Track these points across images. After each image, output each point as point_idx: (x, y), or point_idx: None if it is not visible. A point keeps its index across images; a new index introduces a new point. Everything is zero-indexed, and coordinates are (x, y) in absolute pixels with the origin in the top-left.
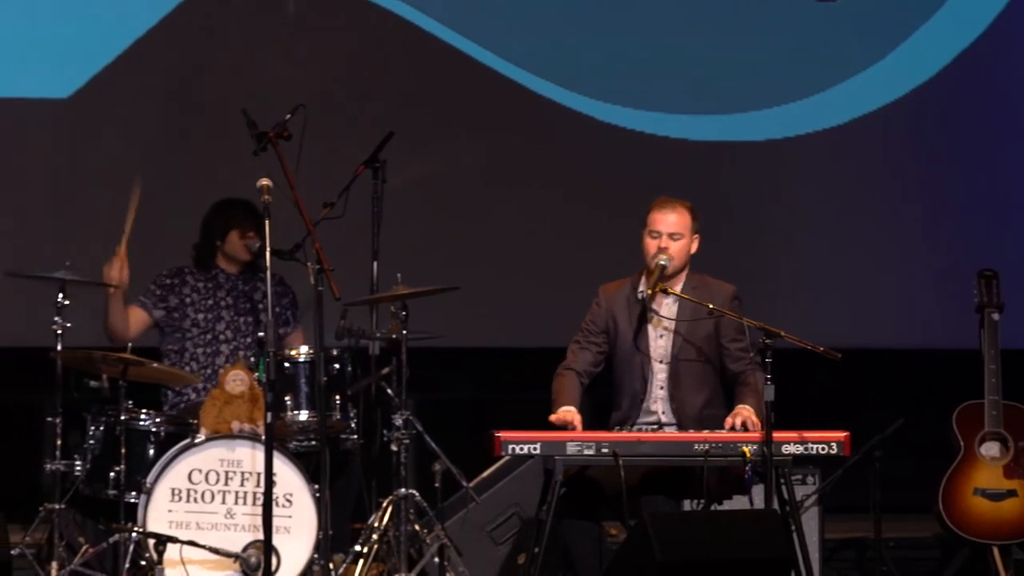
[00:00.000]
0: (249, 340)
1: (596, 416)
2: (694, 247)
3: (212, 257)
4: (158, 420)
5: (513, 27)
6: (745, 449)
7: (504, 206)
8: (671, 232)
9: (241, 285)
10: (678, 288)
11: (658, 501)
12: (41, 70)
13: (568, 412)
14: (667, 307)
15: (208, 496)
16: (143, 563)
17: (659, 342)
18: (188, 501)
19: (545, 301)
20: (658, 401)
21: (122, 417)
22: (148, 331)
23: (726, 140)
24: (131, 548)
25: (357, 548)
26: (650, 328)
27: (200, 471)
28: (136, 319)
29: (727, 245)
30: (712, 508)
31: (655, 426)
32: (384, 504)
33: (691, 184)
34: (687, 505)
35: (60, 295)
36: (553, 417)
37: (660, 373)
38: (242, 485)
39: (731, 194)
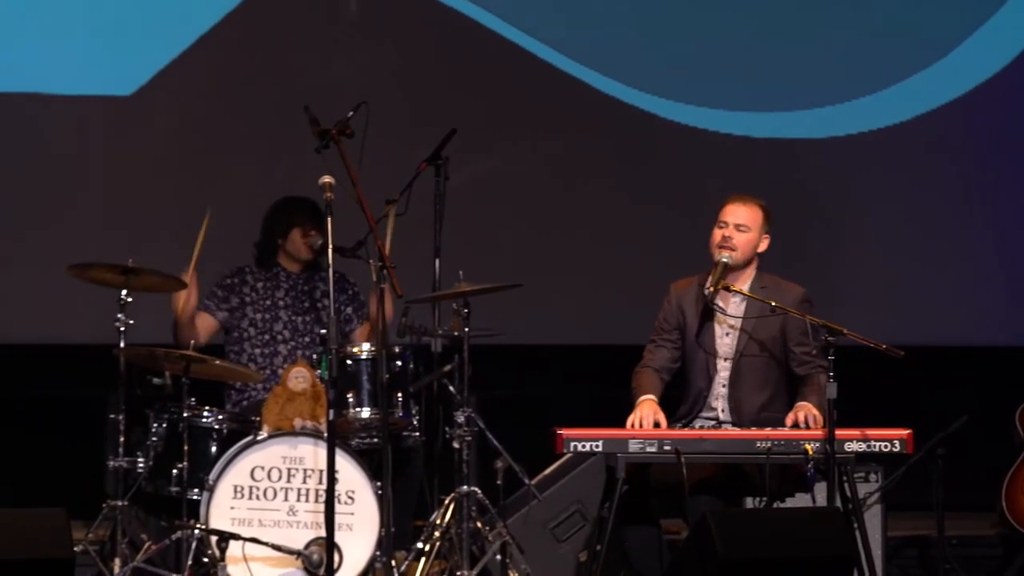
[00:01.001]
0: (307, 340)
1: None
2: (763, 246)
3: (274, 255)
4: (220, 417)
5: (576, 24)
6: (807, 447)
7: (566, 203)
8: (738, 223)
9: (301, 284)
10: (746, 287)
11: (708, 501)
12: (104, 68)
13: (648, 401)
14: (735, 306)
15: (270, 493)
16: (205, 560)
17: (724, 340)
18: (250, 498)
19: (607, 298)
20: (719, 399)
21: (185, 414)
22: (217, 333)
23: (789, 137)
24: (193, 545)
25: (419, 545)
26: (716, 325)
27: (262, 468)
28: (204, 324)
29: (789, 241)
30: (774, 506)
31: (714, 423)
32: (446, 501)
33: (753, 181)
34: (749, 503)
35: (123, 292)
36: (632, 417)
37: (724, 371)
38: (304, 482)
39: (794, 191)
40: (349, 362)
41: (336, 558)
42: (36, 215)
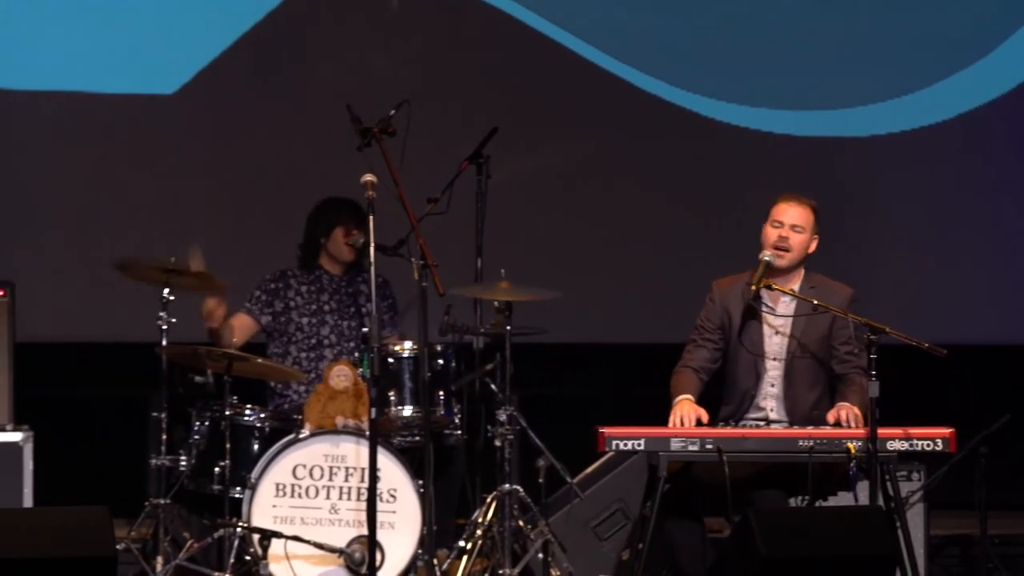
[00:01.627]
0: (352, 344)
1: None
2: (812, 246)
3: (316, 257)
4: (263, 415)
5: (618, 23)
6: (850, 445)
7: (607, 201)
8: (793, 224)
9: (344, 287)
10: (795, 286)
11: (767, 496)
12: (147, 66)
13: (686, 400)
14: (784, 305)
15: (312, 491)
16: (248, 558)
17: (773, 339)
18: (292, 496)
19: (647, 298)
20: (769, 398)
21: (227, 412)
22: (256, 335)
23: (832, 136)
24: (236, 543)
25: (461, 544)
26: (763, 325)
27: (304, 466)
28: (242, 325)
29: (832, 240)
30: (817, 504)
31: (763, 423)
32: (488, 500)
33: (795, 179)
34: (792, 501)
35: (165, 291)
36: (673, 417)
37: (773, 371)
38: (346, 480)
39: (836, 189)
40: (391, 360)
41: (378, 556)
42: (79, 213)
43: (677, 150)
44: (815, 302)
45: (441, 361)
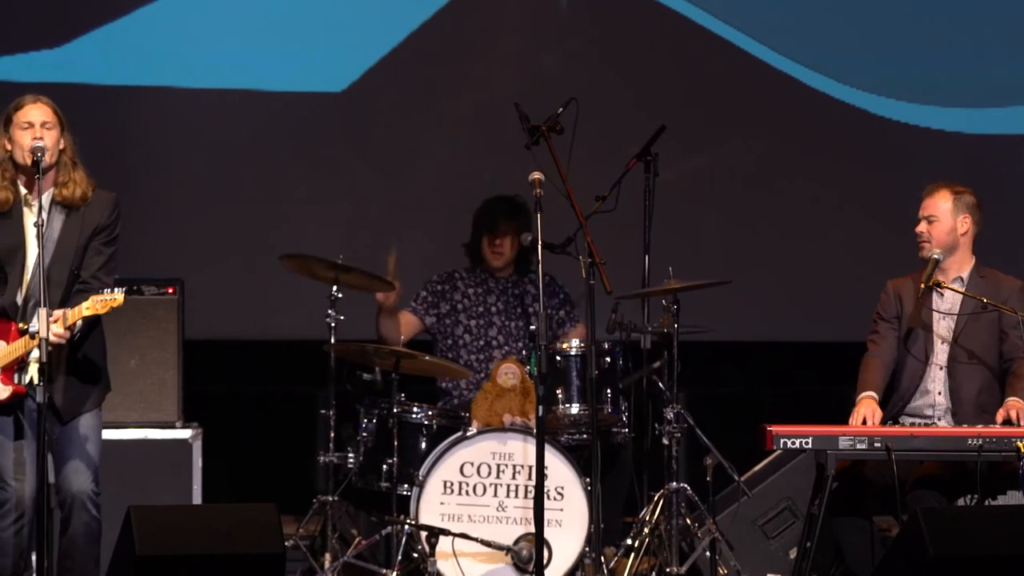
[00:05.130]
0: (520, 344)
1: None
2: (962, 228)
3: (482, 255)
4: (430, 413)
5: (787, 20)
6: (1020, 444)
7: (775, 200)
8: (927, 215)
9: (511, 288)
10: (965, 273)
11: (924, 497)
12: (317, 65)
13: (869, 399)
14: (951, 302)
15: (480, 489)
16: (415, 555)
17: (939, 336)
18: (460, 494)
19: (816, 296)
20: (934, 395)
21: (395, 410)
22: (419, 334)
23: (1003, 133)
24: (403, 540)
25: (628, 542)
26: (932, 322)
27: (472, 464)
28: (407, 323)
29: (1001, 236)
30: (985, 503)
31: (929, 414)
32: (655, 498)
33: (967, 177)
34: (960, 500)
35: (334, 288)
36: (855, 416)
37: (939, 367)
38: (514, 478)
39: (1011, 186)
40: (558, 358)
41: (545, 554)
42: (249, 211)
43: (845, 147)
44: (984, 300)
45: (608, 359)
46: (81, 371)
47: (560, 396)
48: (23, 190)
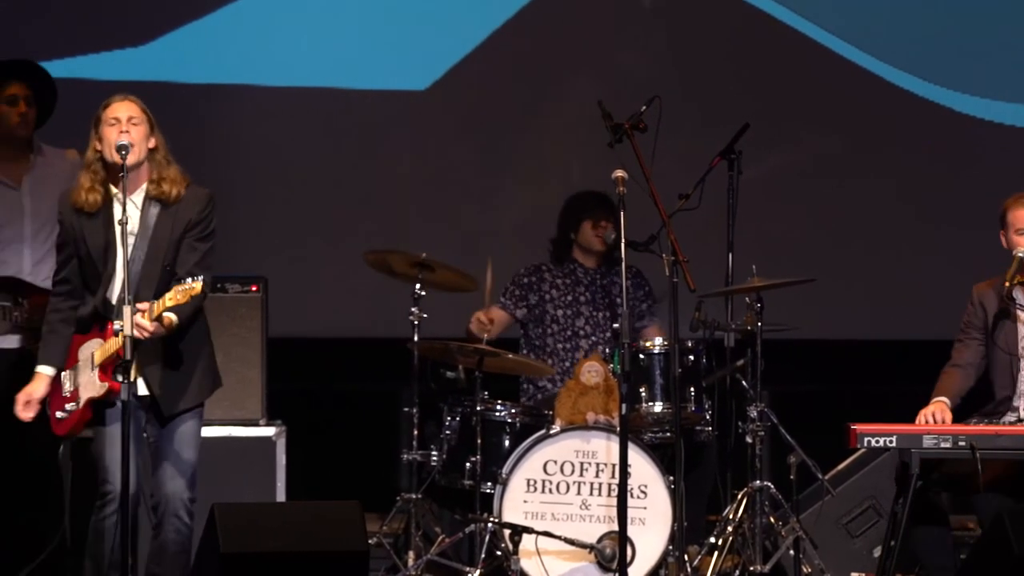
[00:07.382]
0: (607, 335)
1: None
2: None
3: (568, 251)
4: (513, 411)
5: (870, 17)
6: None
7: (859, 198)
8: (1018, 228)
9: (599, 280)
10: None
11: (991, 501)
12: (401, 63)
13: (940, 403)
14: None
15: (563, 487)
16: (498, 553)
17: None
18: (543, 492)
19: (899, 294)
20: (1022, 398)
21: (478, 408)
22: (509, 328)
23: None
24: (487, 538)
25: (712, 540)
26: (1018, 325)
27: (555, 462)
28: (498, 320)
29: None
30: None
31: (1018, 422)
32: (739, 496)
33: None
34: None
35: (417, 286)
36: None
37: None
38: (597, 476)
39: None
40: (642, 356)
41: (629, 552)
42: (332, 209)
43: (931, 146)
44: None
45: (692, 357)
46: (180, 365)
47: (643, 394)
48: (114, 189)
